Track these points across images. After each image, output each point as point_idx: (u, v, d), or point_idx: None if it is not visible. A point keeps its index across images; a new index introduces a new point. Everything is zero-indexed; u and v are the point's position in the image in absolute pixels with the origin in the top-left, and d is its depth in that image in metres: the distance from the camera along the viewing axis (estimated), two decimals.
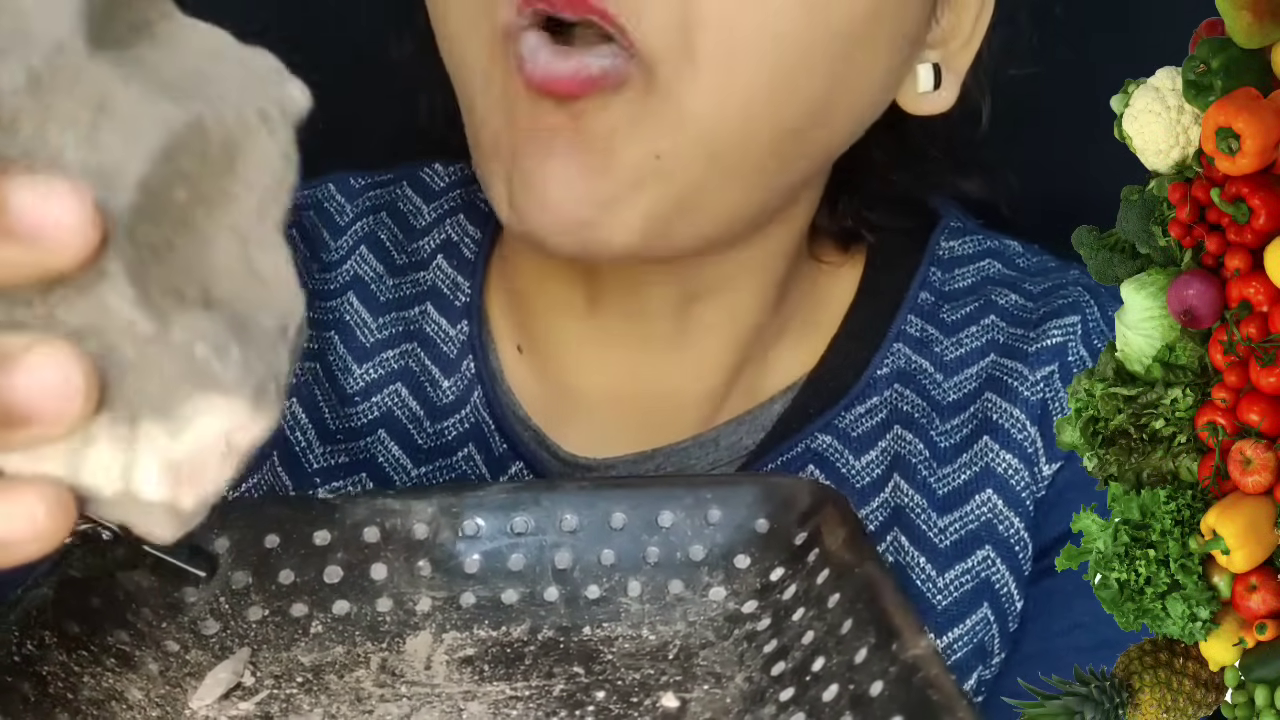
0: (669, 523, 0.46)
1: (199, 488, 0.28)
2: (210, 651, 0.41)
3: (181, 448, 0.27)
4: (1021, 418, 0.59)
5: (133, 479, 0.28)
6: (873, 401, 0.61)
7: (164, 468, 0.27)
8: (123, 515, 0.28)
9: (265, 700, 0.39)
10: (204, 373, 0.27)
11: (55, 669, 0.37)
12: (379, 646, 0.42)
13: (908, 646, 0.34)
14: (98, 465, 0.27)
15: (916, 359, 0.62)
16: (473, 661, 0.41)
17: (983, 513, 0.59)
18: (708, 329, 0.60)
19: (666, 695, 0.39)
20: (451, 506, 0.45)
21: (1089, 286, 0.62)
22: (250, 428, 0.28)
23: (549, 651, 0.42)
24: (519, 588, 0.44)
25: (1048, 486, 0.59)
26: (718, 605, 0.44)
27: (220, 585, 0.43)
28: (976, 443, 0.59)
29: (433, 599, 0.44)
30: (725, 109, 0.49)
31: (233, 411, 0.28)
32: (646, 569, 0.45)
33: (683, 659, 0.41)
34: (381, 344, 0.64)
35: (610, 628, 0.43)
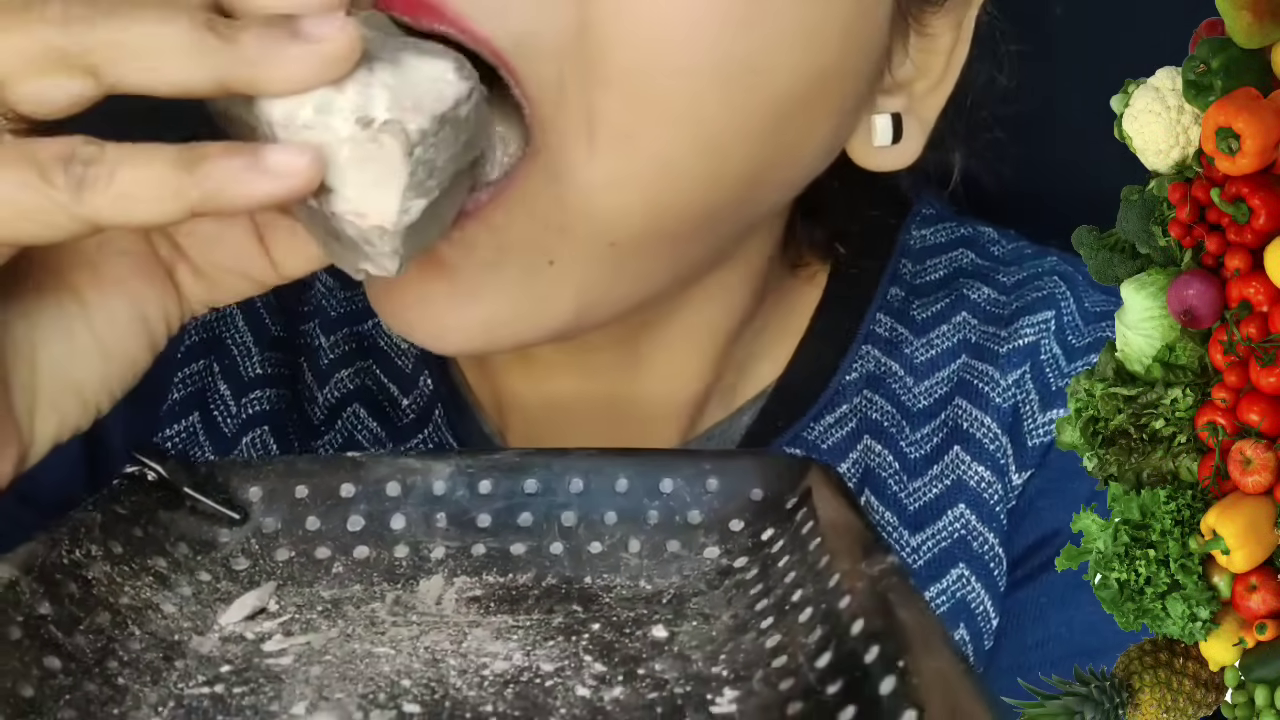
0: (669, 489, 0.49)
1: (420, 111, 0.37)
2: (239, 583, 0.45)
3: (404, 84, 0.37)
4: (993, 426, 0.57)
5: (368, 106, 0.37)
6: (842, 410, 0.59)
7: (392, 92, 0.37)
8: (357, 185, 0.38)
9: (287, 621, 0.43)
10: (426, 48, 0.39)
11: (99, 576, 0.40)
12: (394, 586, 0.45)
13: (874, 564, 0.37)
14: (346, 95, 0.37)
15: (886, 361, 0.59)
16: (480, 600, 0.44)
17: (955, 529, 0.57)
18: (664, 348, 0.57)
19: (657, 628, 0.42)
20: (468, 467, 0.49)
21: (1065, 275, 0.60)
22: (454, 83, 0.38)
23: (551, 594, 0.45)
24: (527, 541, 0.48)
25: (1018, 496, 0.58)
26: (711, 562, 0.47)
27: (251, 528, 0.47)
28: (947, 453, 0.58)
29: (446, 548, 0.47)
30: (627, 193, 0.43)
31: (440, 68, 0.38)
32: (646, 529, 0.48)
33: (675, 604, 0.44)
34: (337, 363, 0.61)
35: (609, 578, 0.46)
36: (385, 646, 0.41)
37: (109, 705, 0.36)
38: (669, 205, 0.44)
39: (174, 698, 0.37)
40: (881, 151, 0.51)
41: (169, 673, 0.38)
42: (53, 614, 0.37)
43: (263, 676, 0.39)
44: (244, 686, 0.38)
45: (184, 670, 0.39)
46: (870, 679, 0.33)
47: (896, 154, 0.51)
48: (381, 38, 0.39)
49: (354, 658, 0.40)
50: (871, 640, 0.34)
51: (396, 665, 0.39)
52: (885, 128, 0.50)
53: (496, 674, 0.39)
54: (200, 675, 0.38)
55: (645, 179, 0.43)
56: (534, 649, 0.40)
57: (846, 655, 0.35)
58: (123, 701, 0.36)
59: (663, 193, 0.44)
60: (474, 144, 0.40)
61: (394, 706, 0.37)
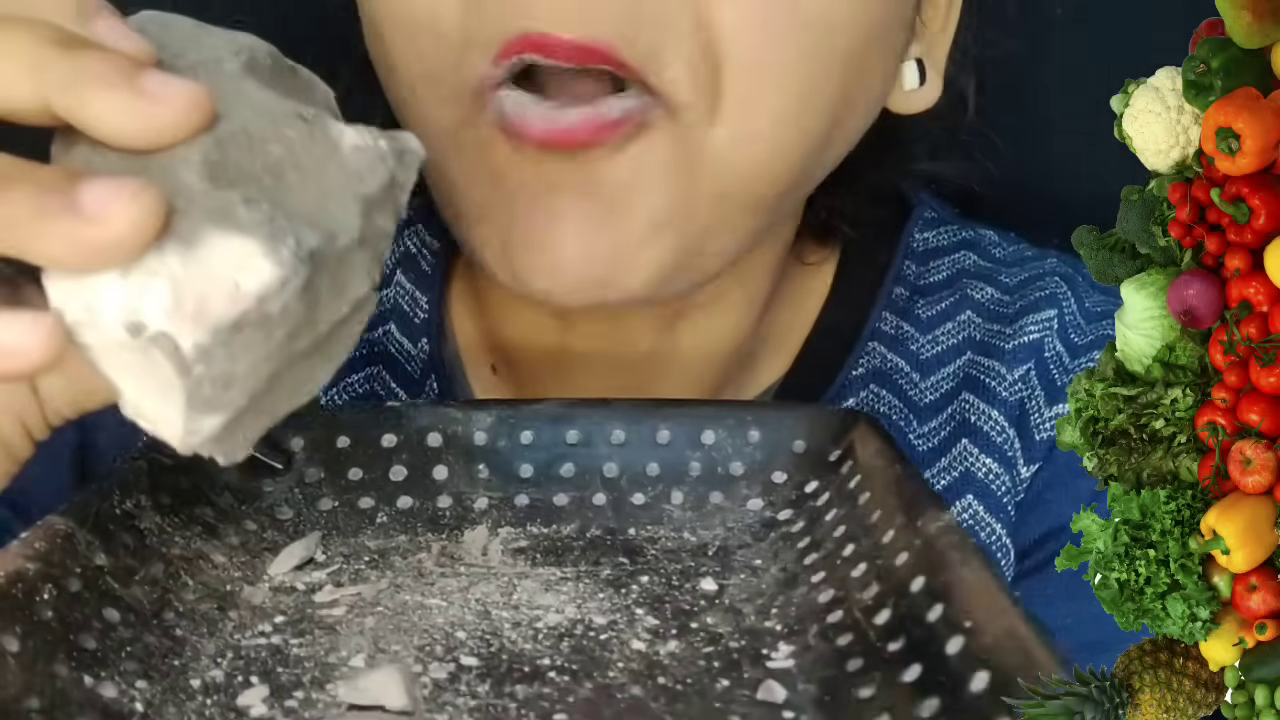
0: (711, 440, 0.49)
1: (201, 322, 0.29)
2: (285, 533, 0.45)
3: (192, 275, 0.29)
4: (1000, 419, 0.58)
5: (141, 307, 0.29)
6: (848, 404, 0.60)
7: (172, 291, 0.29)
8: (126, 362, 0.30)
9: (336, 572, 0.43)
10: (229, 213, 0.29)
11: (151, 526, 0.40)
12: (439, 536, 0.46)
13: (930, 522, 0.37)
14: (119, 291, 0.29)
15: (892, 357, 0.60)
16: (525, 551, 0.45)
17: (964, 519, 0.58)
18: (689, 348, 0.59)
19: (706, 580, 0.42)
20: (509, 418, 0.49)
21: (1066, 276, 0.61)
22: (260, 271, 0.29)
23: (596, 546, 0.45)
24: (570, 492, 0.48)
25: (1026, 488, 0.58)
26: (755, 514, 0.47)
27: (294, 478, 0.47)
28: (955, 446, 0.58)
29: (489, 498, 0.47)
30: (750, 149, 0.48)
31: (245, 250, 0.29)
32: (689, 481, 0.48)
33: (721, 555, 0.44)
34: (345, 368, 0.59)
35: (653, 530, 0.46)
36: (436, 598, 0.41)
37: (169, 657, 0.36)
38: (776, 158, 0.49)
39: (231, 648, 0.37)
40: (911, 95, 0.55)
41: (224, 623, 0.39)
42: (109, 565, 0.37)
43: (317, 627, 0.39)
44: (300, 638, 0.38)
45: (239, 621, 0.39)
46: (935, 638, 0.33)
47: (921, 96, 0.56)
48: (202, 191, 0.30)
49: (406, 609, 0.40)
50: (934, 598, 0.34)
51: (449, 617, 0.40)
52: (913, 73, 0.55)
53: (550, 626, 0.39)
54: (256, 626, 0.39)
55: (762, 135, 0.47)
56: (585, 601, 0.41)
57: (907, 613, 0.35)
58: (182, 653, 0.36)
59: (774, 146, 0.48)
60: (317, 319, 0.32)
61: (452, 659, 0.37)
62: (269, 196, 0.30)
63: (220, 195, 0.30)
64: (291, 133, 0.32)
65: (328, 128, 0.32)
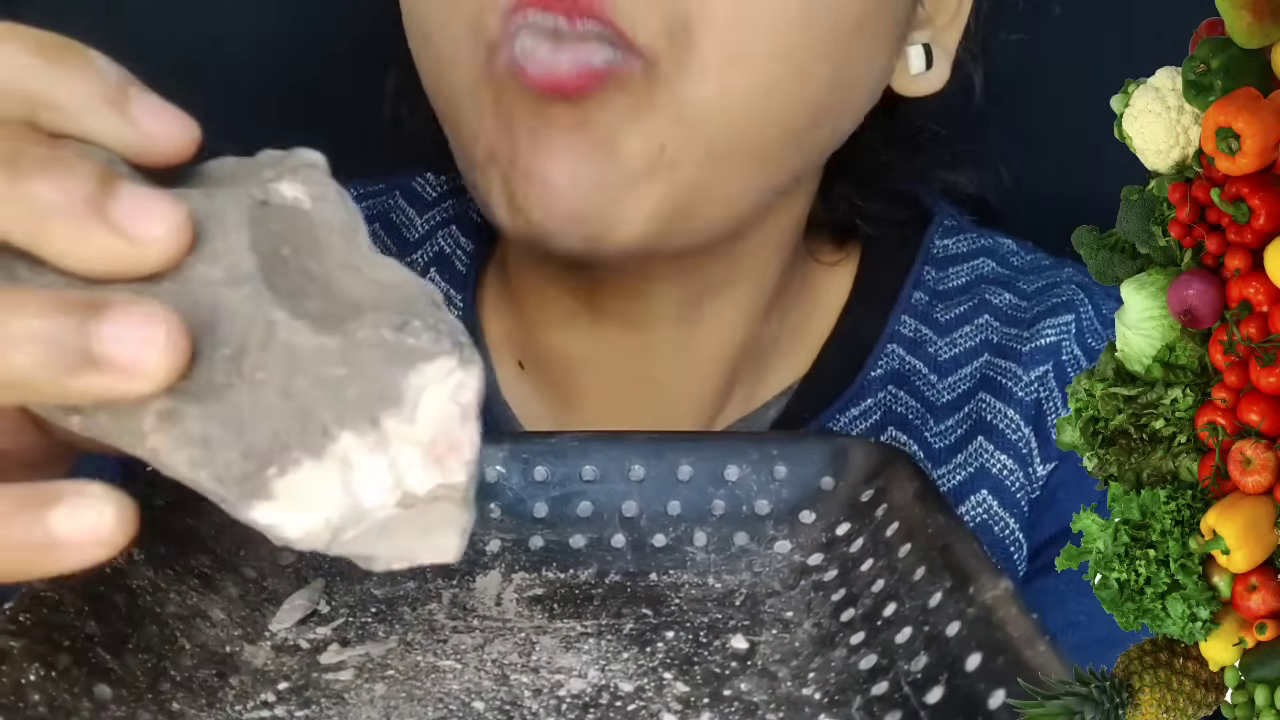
0: (735, 477, 0.46)
1: (459, 456, 0.29)
2: (286, 580, 0.42)
3: (424, 427, 0.29)
4: (1016, 418, 0.59)
5: (403, 478, 0.29)
6: (866, 404, 0.60)
7: (423, 452, 0.29)
8: (408, 539, 0.30)
9: (341, 626, 0.40)
10: (401, 349, 0.29)
11: (144, 583, 0.38)
12: (449, 583, 0.43)
13: (985, 589, 0.35)
14: (369, 481, 0.29)
15: (910, 360, 0.61)
16: (542, 600, 0.42)
17: (978, 514, 0.59)
18: (708, 335, 0.59)
19: (736, 637, 0.40)
20: (522, 453, 0.46)
21: (1083, 284, 0.62)
22: (468, 381, 0.29)
23: (617, 594, 0.43)
24: (586, 533, 0.45)
25: (1042, 487, 0.59)
26: (783, 557, 0.44)
27: None
28: (971, 443, 0.59)
29: (502, 540, 0.45)
30: (728, 104, 0.49)
31: (447, 370, 0.29)
32: (712, 520, 0.46)
33: (749, 605, 0.42)
34: None
35: (676, 575, 0.44)
36: (450, 659, 0.38)
37: None
38: (763, 117, 0.50)
39: None
40: (917, 79, 0.57)
41: (224, 691, 0.36)
42: (100, 633, 0.35)
43: (324, 695, 0.36)
44: (305, 710, 0.35)
45: (239, 689, 0.36)
46: None
47: (929, 80, 0.58)
48: (339, 344, 0.30)
49: (419, 673, 0.37)
50: (993, 682, 0.32)
51: (465, 682, 0.37)
52: (919, 57, 0.57)
53: (574, 695, 0.36)
54: (258, 695, 0.36)
55: (746, 92, 0.49)
56: (609, 663, 0.38)
57: (965, 697, 0.32)
58: None
59: (759, 105, 0.49)
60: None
61: None
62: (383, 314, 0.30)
63: (351, 334, 0.29)
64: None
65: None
